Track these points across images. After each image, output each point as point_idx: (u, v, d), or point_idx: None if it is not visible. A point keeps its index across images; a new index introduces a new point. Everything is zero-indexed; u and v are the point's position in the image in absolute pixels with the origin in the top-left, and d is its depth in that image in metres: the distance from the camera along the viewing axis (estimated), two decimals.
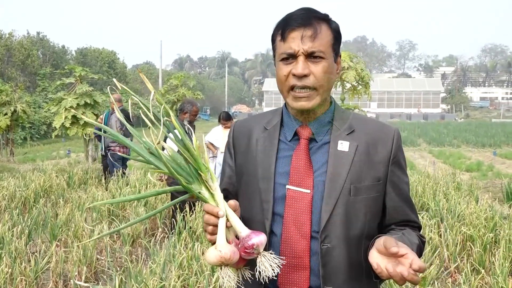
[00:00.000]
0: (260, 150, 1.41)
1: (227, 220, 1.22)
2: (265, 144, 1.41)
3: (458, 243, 4.60)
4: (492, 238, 4.63)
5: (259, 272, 1.17)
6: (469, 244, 4.58)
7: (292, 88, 1.30)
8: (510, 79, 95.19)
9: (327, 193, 1.30)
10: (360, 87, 10.85)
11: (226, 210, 1.23)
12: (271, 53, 1.46)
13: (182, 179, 1.25)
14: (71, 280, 4.07)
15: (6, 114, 12.67)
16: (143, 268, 3.81)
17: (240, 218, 1.27)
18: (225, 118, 7.50)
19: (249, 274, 1.22)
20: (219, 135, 7.46)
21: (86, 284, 4.13)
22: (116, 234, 5.42)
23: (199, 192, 1.26)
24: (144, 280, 3.53)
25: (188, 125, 6.38)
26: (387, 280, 3.84)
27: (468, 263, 4.20)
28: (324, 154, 1.35)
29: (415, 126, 34.07)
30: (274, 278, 1.23)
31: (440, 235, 4.83)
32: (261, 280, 1.19)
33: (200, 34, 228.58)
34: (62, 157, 15.37)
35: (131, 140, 1.36)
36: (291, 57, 1.29)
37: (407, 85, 64.65)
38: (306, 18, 1.29)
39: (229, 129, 6.70)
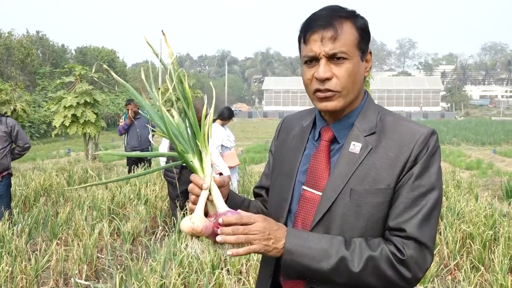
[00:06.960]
0: (291, 147, 1.43)
1: (210, 194, 1.24)
2: (296, 141, 1.43)
3: (458, 241, 4.61)
4: (491, 235, 4.64)
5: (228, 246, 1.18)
6: (469, 242, 4.59)
7: (317, 91, 1.27)
8: (510, 77, 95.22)
9: (325, 195, 1.27)
10: None
11: (211, 184, 1.24)
12: (271, 51, 1.47)
13: (179, 145, 1.27)
14: (72, 279, 4.09)
15: (5, 113, 12.63)
16: (144, 266, 3.82)
17: (228, 195, 1.33)
18: (228, 117, 6.54)
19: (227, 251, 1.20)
20: (223, 134, 6.45)
21: (86, 283, 4.14)
22: (117, 233, 5.43)
23: (191, 162, 1.27)
24: (144, 278, 3.54)
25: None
26: None
27: (468, 261, 4.21)
28: None
29: None
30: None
31: (440, 233, 4.84)
32: (270, 274, 1.36)
33: (200, 33, 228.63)
34: (62, 156, 15.35)
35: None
36: (314, 60, 1.26)
37: (407, 83, 64.53)
38: (327, 18, 1.24)
39: (225, 124, 6.65)
